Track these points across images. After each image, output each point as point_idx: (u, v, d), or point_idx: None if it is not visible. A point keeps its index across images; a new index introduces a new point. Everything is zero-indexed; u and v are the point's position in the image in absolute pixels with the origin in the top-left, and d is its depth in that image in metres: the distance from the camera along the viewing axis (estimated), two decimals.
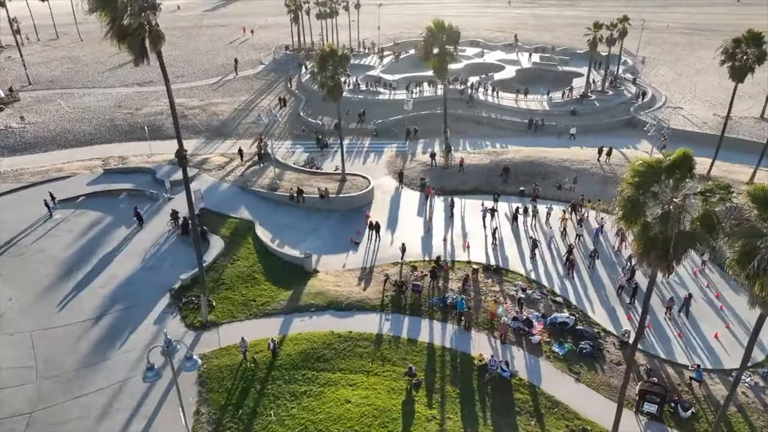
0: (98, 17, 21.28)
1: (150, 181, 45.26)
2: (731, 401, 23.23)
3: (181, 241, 36.81)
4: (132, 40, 20.85)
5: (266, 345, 27.17)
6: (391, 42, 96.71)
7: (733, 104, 45.62)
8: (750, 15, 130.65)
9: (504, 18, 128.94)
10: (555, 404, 24.62)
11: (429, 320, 29.85)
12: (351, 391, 24.96)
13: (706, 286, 33.00)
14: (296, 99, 67.32)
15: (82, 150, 53.68)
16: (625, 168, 46.39)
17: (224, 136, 57.38)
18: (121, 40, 21.03)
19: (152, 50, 21.95)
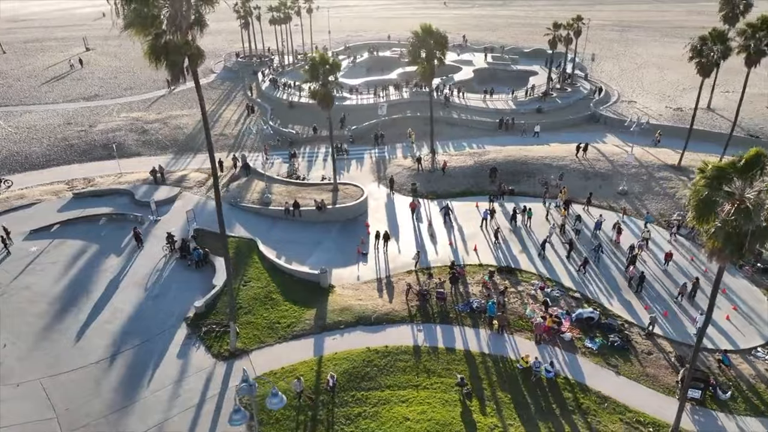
0: (130, 34, 19.64)
1: (129, 203, 42.44)
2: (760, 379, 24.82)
3: (181, 266, 34.78)
4: (175, 59, 19.35)
5: (307, 371, 26.16)
6: (341, 46, 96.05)
7: (696, 98, 48.38)
8: (668, 11, 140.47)
9: (445, 19, 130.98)
10: (603, 399, 25.26)
11: (460, 327, 29.82)
12: (406, 408, 24.48)
13: (704, 272, 34.94)
14: (261, 108, 65.32)
15: (39, 173, 49.59)
16: (603, 162, 49.21)
17: (194, 151, 54.78)
18: (160, 59, 19.48)
19: (192, 69, 20.54)
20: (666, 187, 44.92)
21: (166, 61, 19.52)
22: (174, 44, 19.15)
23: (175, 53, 19.25)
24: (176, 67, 19.69)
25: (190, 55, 19.68)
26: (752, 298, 32.56)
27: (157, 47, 19.17)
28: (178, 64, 19.66)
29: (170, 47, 19.13)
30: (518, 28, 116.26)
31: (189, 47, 19.56)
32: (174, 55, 19.29)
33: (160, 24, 18.83)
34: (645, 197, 44.04)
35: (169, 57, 19.34)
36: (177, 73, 20.24)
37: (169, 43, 19.18)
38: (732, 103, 63.87)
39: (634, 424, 23.97)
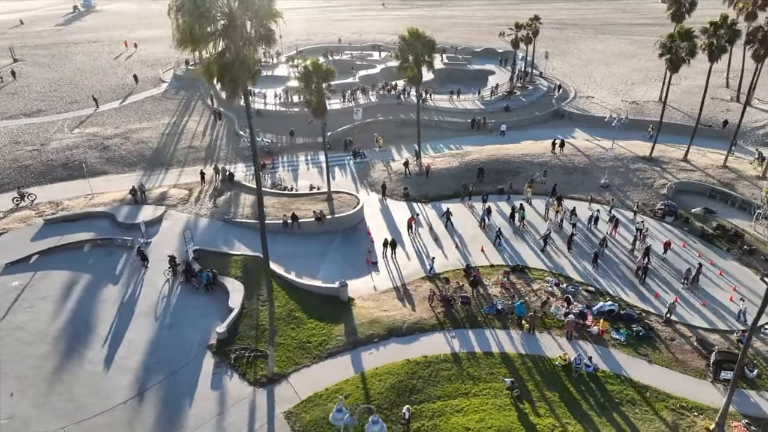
0: (181, 50, 18.28)
1: (110, 226, 39.57)
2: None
3: (188, 290, 32.81)
4: (238, 76, 18.20)
5: (352, 389, 25.42)
6: (293, 50, 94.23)
7: (665, 92, 51.15)
8: (599, 9, 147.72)
9: (388, 20, 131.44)
10: (645, 388, 26.16)
11: (491, 330, 29.97)
12: (463, 418, 24.31)
13: (698, 257, 37.00)
14: (226, 118, 62.85)
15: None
16: (580, 157, 51.04)
17: (164, 166, 51.88)
18: (223, 76, 18.24)
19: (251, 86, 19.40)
20: (643, 177, 47.24)
21: (227, 79, 18.32)
22: (241, 61, 18.00)
23: (240, 70, 18.11)
24: (237, 84, 18.51)
25: (255, 73, 18.64)
26: (747, 278, 34.82)
27: (223, 64, 17.93)
28: (241, 81, 18.51)
29: (235, 64, 17.96)
30: (462, 28, 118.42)
31: (256, 64, 18.50)
32: (237, 73, 18.13)
33: (219, 40, 17.62)
34: (626, 188, 46.10)
35: (230, 74, 18.15)
36: (235, 91, 19.09)
37: (235, 60, 17.99)
38: (680, 96, 68.30)
39: (679, 410, 24.97)
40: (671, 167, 48.50)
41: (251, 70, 18.82)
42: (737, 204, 43.04)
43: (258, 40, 18.25)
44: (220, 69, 18.13)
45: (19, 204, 43.09)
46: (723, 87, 70.96)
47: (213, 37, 17.58)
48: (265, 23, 17.88)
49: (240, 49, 17.96)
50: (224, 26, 18.02)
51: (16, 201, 43.31)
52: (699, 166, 48.44)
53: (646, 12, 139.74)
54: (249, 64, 18.58)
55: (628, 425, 24.05)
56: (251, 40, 18.05)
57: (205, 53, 18.14)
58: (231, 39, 17.91)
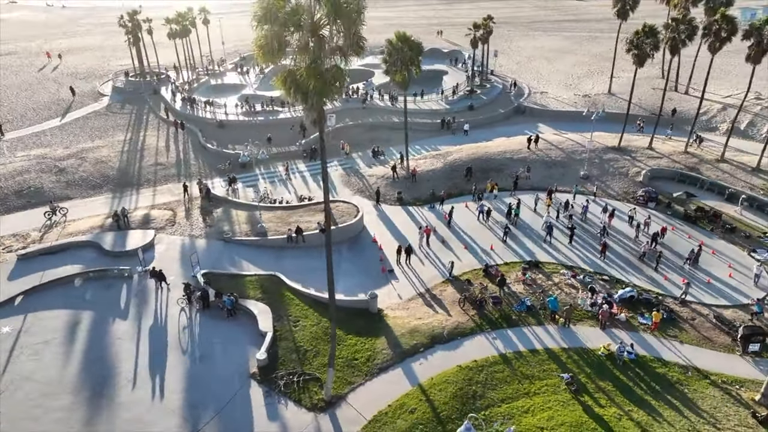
0: (259, 59, 17.11)
1: (97, 256, 36.38)
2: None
3: (208, 317, 30.75)
4: (325, 89, 17.24)
5: (416, 403, 24.94)
6: (236, 56, 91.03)
7: (633, 87, 53.94)
8: (522, 8, 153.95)
9: None
10: (685, 368, 27.52)
11: (528, 327, 30.39)
12: (533, 418, 24.47)
13: (688, 238, 39.47)
14: (187, 130, 59.59)
15: None
16: (555, 151, 52.89)
17: (134, 186, 48.41)
18: (303, 89, 17.17)
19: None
20: (617, 167, 49.74)
21: (312, 90, 17.29)
22: (333, 72, 17.05)
23: (328, 82, 17.14)
24: (322, 97, 17.54)
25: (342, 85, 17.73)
26: (736, 254, 37.54)
27: (316, 72, 16.86)
28: (328, 94, 17.53)
29: (321, 75, 16.98)
30: (400, 29, 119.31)
31: (344, 75, 17.56)
32: (319, 85, 17.17)
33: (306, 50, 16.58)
34: (604, 179, 48.36)
35: (318, 85, 17.18)
36: (317, 105, 18.09)
37: (327, 70, 17.01)
38: (625, 87, 72.28)
39: (722, 385, 26.48)
40: (640, 155, 51.43)
41: (342, 81, 17.94)
42: (705, 186, 46.35)
43: (349, 48, 17.36)
44: (306, 80, 17.14)
45: (51, 218, 41.62)
46: (659, 78, 76.07)
47: (300, 47, 16.54)
48: (355, 32, 17.01)
49: (323, 59, 17.04)
50: (313, 35, 16.99)
51: (47, 215, 41.59)
52: (664, 153, 51.69)
53: (566, 9, 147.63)
54: (338, 75, 17.68)
55: (685, 405, 25.20)
56: (342, 49, 17.13)
57: (285, 64, 17.17)
58: (319, 49, 16.93)
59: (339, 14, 16.36)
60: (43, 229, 40.04)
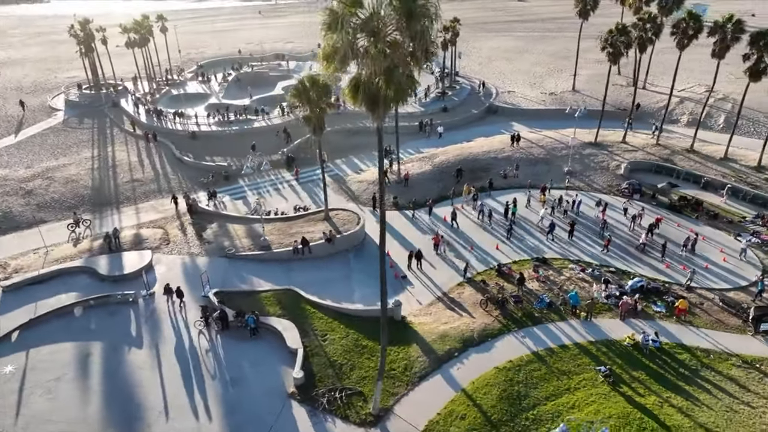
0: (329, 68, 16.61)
1: (92, 282, 34.17)
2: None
3: (230, 338, 29.44)
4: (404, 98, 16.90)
5: (465, 409, 24.85)
6: (193, 65, 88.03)
7: (608, 84, 55.92)
8: (466, 9, 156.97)
9: (274, 28, 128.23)
10: (707, 352, 28.73)
11: (552, 323, 30.88)
12: (581, 414, 24.83)
13: (677, 227, 41.32)
14: (159, 143, 57.00)
15: None
16: (537, 148, 54.16)
17: (113, 204, 45.85)
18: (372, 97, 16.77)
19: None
20: (597, 161, 51.52)
21: (388, 98, 16.91)
22: (407, 80, 16.69)
23: (404, 90, 16.80)
24: (401, 103, 17.21)
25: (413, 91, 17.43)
26: (724, 239, 39.63)
27: (393, 80, 16.41)
28: (400, 101, 17.22)
29: (389, 83, 16.65)
30: None
31: (417, 82, 17.24)
32: (396, 92, 16.81)
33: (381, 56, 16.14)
34: (588, 173, 49.95)
35: (391, 94, 16.82)
36: (382, 113, 17.70)
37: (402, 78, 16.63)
38: (585, 84, 75.12)
39: (744, 366, 27.83)
40: (616, 149, 53.48)
41: (414, 88, 17.60)
42: (681, 176, 48.74)
43: (422, 54, 17.00)
44: (383, 88, 16.73)
45: (74, 230, 40.21)
46: (616, 74, 79.46)
47: (372, 55, 16.09)
48: (429, 39, 16.64)
49: (399, 67, 16.68)
50: (391, 43, 16.58)
51: (71, 227, 40.21)
52: (638, 145, 53.99)
53: (512, 10, 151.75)
54: (411, 82, 17.34)
55: (716, 387, 26.30)
56: (415, 56, 16.77)
57: (349, 71, 16.80)
58: (396, 56, 16.53)
59: (413, 19, 16.02)
60: (33, 254, 37.20)
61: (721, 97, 64.58)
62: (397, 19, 15.80)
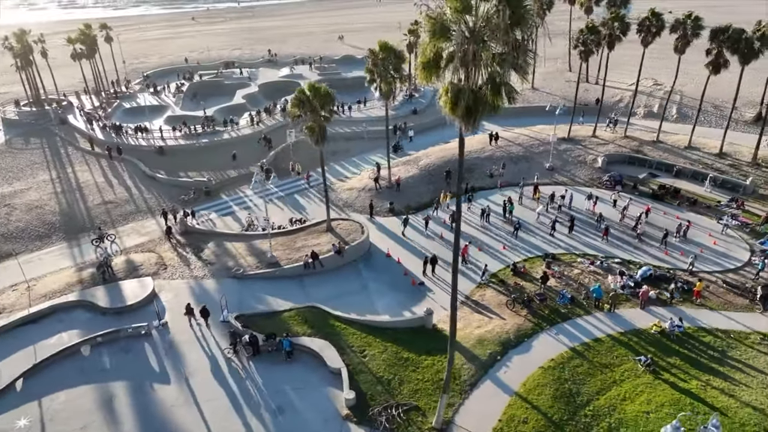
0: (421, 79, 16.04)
1: (93, 317, 31.39)
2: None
3: (264, 363, 27.82)
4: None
5: (523, 412, 24.82)
6: (139, 76, 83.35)
7: (579, 83, 57.77)
8: (397, 12, 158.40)
9: (216, 35, 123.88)
10: (726, 332, 30.25)
11: (580, 318, 31.45)
12: (634, 405, 25.39)
13: (663, 215, 43.34)
14: (125, 162, 53.35)
15: None
16: (515, 146, 55.22)
17: (89, 231, 42.32)
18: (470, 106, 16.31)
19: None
20: (575, 156, 53.28)
21: (489, 106, 16.49)
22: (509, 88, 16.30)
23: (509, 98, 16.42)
24: (496, 109, 16.87)
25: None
26: (708, 224, 41.96)
27: (497, 88, 15.98)
28: (498, 109, 16.85)
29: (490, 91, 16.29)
30: (300, 38, 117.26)
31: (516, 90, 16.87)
32: (498, 101, 16.41)
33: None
34: (568, 168, 51.55)
35: (494, 102, 16.43)
36: (477, 122, 17.26)
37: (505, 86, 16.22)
38: (542, 82, 77.60)
39: (764, 342, 29.48)
40: (588, 143, 55.53)
41: (514, 97, 17.21)
42: (653, 166, 51.29)
43: (524, 62, 16.63)
44: (487, 97, 16.35)
45: (99, 246, 38.15)
46: (567, 71, 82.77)
47: (474, 62, 15.64)
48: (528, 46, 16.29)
49: (504, 74, 16.32)
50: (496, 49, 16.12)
51: (95, 243, 38.51)
52: (608, 139, 56.32)
53: None
54: (512, 90, 16.97)
55: (747, 366, 27.69)
56: (519, 64, 16.39)
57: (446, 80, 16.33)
58: (503, 62, 16.14)
59: (521, 25, 15.70)
60: (12, 291, 33.63)
61: (667, 89, 68.45)
62: (506, 25, 15.40)
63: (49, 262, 37.88)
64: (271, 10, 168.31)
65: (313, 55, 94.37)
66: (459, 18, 15.75)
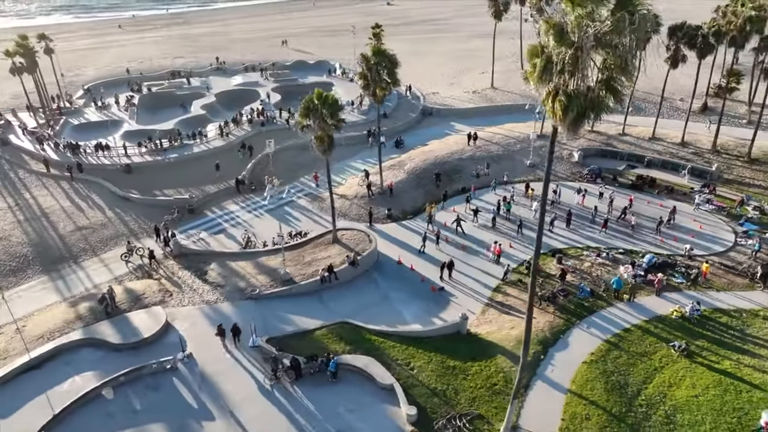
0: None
1: (105, 355, 28.70)
2: None
3: (308, 387, 26.49)
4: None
5: (584, 408, 25.14)
6: (78, 90, 77.58)
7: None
8: (341, 15, 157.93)
9: (155, 43, 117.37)
10: (739, 311, 32.09)
11: (604, 310, 32.31)
12: (681, 390, 26.32)
13: (647, 204, 45.42)
14: (88, 183, 49.30)
15: None
16: (494, 145, 56.09)
17: (68, 261, 38.76)
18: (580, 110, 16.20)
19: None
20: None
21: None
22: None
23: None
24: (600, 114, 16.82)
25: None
26: (689, 210, 44.35)
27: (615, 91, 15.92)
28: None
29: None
30: (243, 44, 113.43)
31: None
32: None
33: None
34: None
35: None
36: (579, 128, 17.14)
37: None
38: (499, 81, 79.50)
39: None
40: (560, 139, 57.23)
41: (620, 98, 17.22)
42: (625, 157, 53.76)
43: (632, 67, 16.66)
44: (603, 99, 16.28)
45: (128, 259, 37.48)
46: (520, 69, 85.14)
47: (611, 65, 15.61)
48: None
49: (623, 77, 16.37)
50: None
51: (125, 257, 37.46)
52: (577, 134, 58.30)
53: (387, 14, 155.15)
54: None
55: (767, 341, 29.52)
56: (626, 67, 16.40)
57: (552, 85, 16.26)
58: (624, 66, 16.19)
59: (637, 31, 15.72)
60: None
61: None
62: (630, 29, 15.43)
63: (31, 298, 34.31)
64: (201, 16, 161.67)
65: (263, 62, 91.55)
66: (583, 24, 15.58)
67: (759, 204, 44.01)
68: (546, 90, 17.53)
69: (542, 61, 16.81)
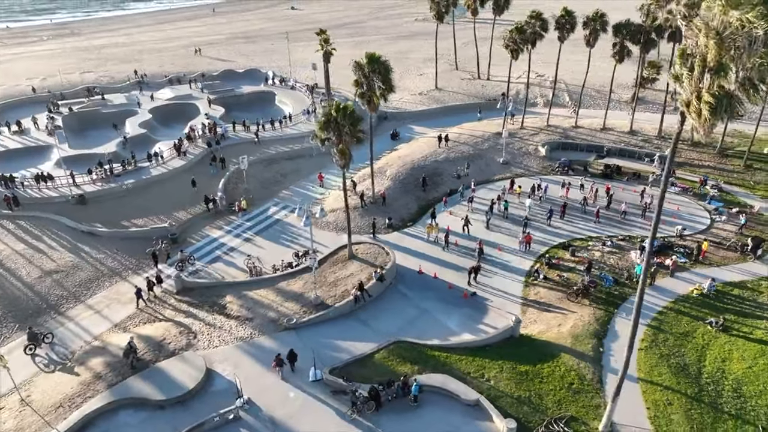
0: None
1: (151, 415, 25.17)
2: None
3: (392, 414, 24.99)
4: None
5: (663, 396, 26.06)
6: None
7: (510, 80, 60.71)
8: (250, 19, 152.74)
9: (49, 57, 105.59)
10: (743, 283, 34.92)
11: (632, 296, 33.72)
12: (734, 364, 28.04)
13: (621, 191, 48.19)
14: (36, 220, 43.07)
15: None
16: (463, 145, 56.63)
17: (49, 311, 33.59)
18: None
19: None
20: (518, 148, 56.60)
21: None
22: None
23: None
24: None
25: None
26: (655, 192, 47.64)
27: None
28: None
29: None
30: (153, 55, 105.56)
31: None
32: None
33: None
34: (519, 160, 54.61)
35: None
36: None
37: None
38: (441, 82, 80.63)
39: None
40: (522, 135, 59.36)
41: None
42: (584, 148, 56.82)
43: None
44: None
45: (34, 351, 29.86)
46: (455, 70, 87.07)
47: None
48: None
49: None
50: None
51: (30, 350, 29.77)
52: (536, 129, 60.83)
53: (295, 17, 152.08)
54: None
55: None
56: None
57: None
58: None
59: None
60: (6, 410, 25.14)
61: (550, 79, 75.38)
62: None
63: (23, 362, 29.24)
64: (90, 26, 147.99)
65: (187, 73, 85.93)
66: (750, 27, 15.74)
67: (716, 183, 48.37)
68: (692, 90, 17.62)
69: (698, 66, 16.84)
